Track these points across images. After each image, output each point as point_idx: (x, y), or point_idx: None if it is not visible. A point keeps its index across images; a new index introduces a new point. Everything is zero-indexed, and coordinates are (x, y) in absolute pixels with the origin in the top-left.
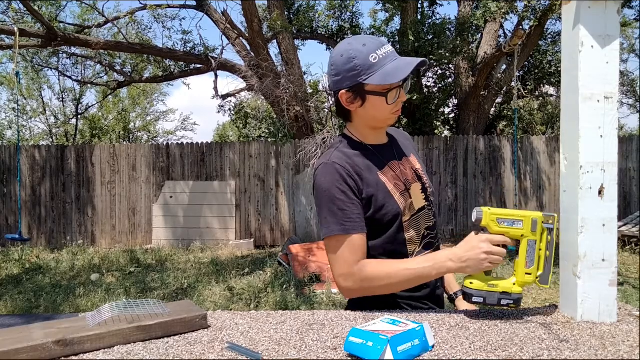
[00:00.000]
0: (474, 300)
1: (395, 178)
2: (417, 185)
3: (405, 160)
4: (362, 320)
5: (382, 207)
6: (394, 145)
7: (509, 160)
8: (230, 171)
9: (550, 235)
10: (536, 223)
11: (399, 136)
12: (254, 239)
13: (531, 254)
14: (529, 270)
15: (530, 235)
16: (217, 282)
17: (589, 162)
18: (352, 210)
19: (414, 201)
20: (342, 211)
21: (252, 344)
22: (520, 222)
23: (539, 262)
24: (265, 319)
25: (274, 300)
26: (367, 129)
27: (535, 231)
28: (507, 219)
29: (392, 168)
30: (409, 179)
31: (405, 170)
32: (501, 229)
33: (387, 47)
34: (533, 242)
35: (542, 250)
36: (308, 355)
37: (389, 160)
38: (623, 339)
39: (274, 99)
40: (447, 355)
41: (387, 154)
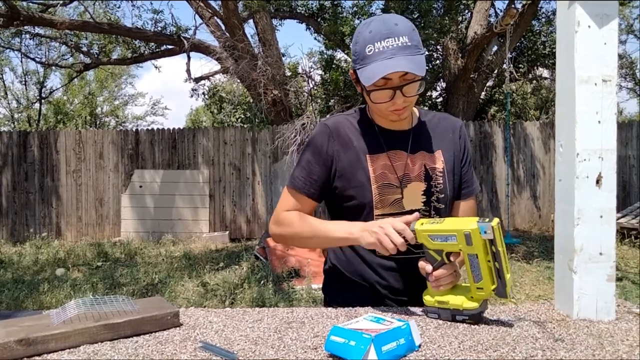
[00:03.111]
0: (429, 315)
1: (386, 168)
2: (419, 185)
3: (420, 155)
4: (344, 318)
5: (350, 190)
6: (416, 135)
7: (501, 147)
8: (204, 159)
9: (494, 246)
10: (469, 237)
11: (439, 126)
12: (229, 231)
13: (475, 268)
14: (479, 284)
15: (468, 250)
16: (190, 277)
17: (585, 150)
18: (312, 174)
19: (405, 200)
20: (305, 169)
21: (227, 343)
22: (454, 236)
23: (491, 275)
24: (241, 316)
25: (250, 296)
26: (374, 113)
27: (471, 245)
28: (439, 235)
29: (390, 157)
30: (412, 175)
31: (410, 165)
32: (436, 245)
33: (392, 40)
34: (473, 256)
35: (490, 262)
36: (287, 356)
37: (394, 148)
38: (622, 337)
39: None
40: (435, 355)
41: (396, 142)
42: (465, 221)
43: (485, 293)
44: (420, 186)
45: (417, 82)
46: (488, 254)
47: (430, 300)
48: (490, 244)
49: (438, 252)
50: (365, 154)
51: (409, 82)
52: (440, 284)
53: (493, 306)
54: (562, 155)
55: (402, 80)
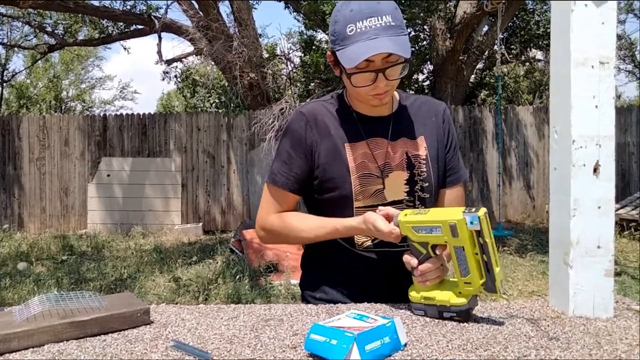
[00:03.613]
0: (415, 312)
1: (366, 157)
2: (401, 173)
3: (402, 143)
4: (325, 315)
5: (328, 181)
6: (396, 121)
7: (492, 133)
8: (176, 146)
9: (482, 238)
10: (455, 228)
11: (421, 111)
12: (203, 223)
13: (462, 261)
14: (466, 279)
15: (454, 242)
16: (161, 272)
17: (582, 136)
18: (292, 167)
19: (387, 190)
20: (284, 164)
21: (201, 342)
22: (439, 228)
23: (479, 269)
24: (216, 313)
25: (225, 292)
26: (353, 98)
27: (457, 237)
28: (424, 227)
29: (370, 145)
30: (393, 164)
31: (391, 153)
32: (421, 237)
33: (375, 19)
34: (460, 248)
35: (477, 254)
36: (264, 355)
37: (373, 135)
38: (620, 336)
39: (226, 64)
40: (421, 354)
41: (376, 129)
42: (450, 211)
43: (473, 288)
44: (403, 175)
45: (401, 64)
46: (475, 246)
47: (416, 296)
48: (477, 236)
49: (423, 244)
50: (343, 143)
51: (392, 64)
52: (426, 278)
53: (483, 302)
54: (557, 142)
55: (385, 63)
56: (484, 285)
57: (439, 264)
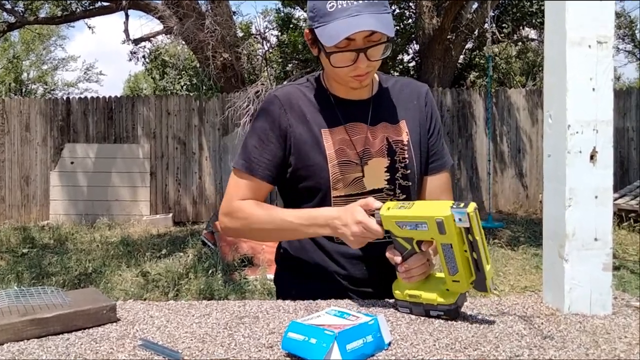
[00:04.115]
0: (400, 310)
1: (344, 143)
2: (381, 160)
3: (382, 127)
4: (304, 312)
5: (304, 169)
6: (376, 105)
7: (482, 118)
8: (144, 131)
9: (471, 235)
10: (442, 225)
11: (402, 93)
12: (173, 213)
13: (450, 259)
14: (455, 277)
15: (441, 239)
16: (129, 266)
17: (578, 121)
18: (263, 153)
19: (367, 179)
20: (256, 149)
21: (171, 341)
22: (424, 224)
23: (469, 267)
24: (187, 310)
25: (197, 287)
26: (332, 80)
27: (444, 234)
28: (408, 222)
29: (349, 131)
30: (373, 150)
31: (371, 139)
32: (405, 233)
33: None
34: (447, 245)
35: (467, 252)
36: (238, 355)
37: (352, 120)
38: (619, 334)
39: (197, 44)
40: (407, 354)
41: (354, 113)
42: (437, 206)
43: (462, 286)
44: (383, 162)
45: (384, 44)
46: (464, 244)
47: (400, 294)
48: (466, 233)
49: (407, 240)
50: (320, 129)
51: (374, 43)
52: (411, 275)
53: (473, 299)
54: (551, 127)
55: (366, 42)
56: (474, 283)
57: (424, 260)
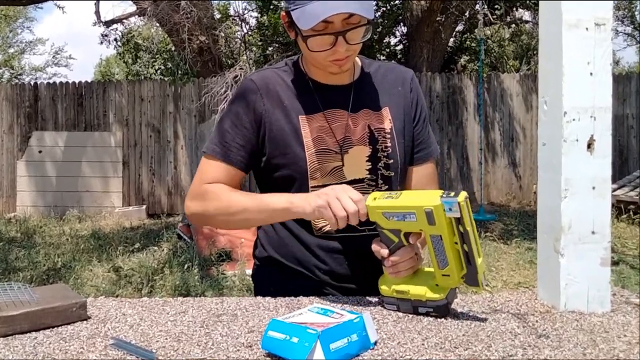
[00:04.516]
0: (386, 307)
1: (323, 131)
2: (362, 149)
3: (364, 114)
4: (285, 310)
5: (280, 157)
6: (358, 90)
7: (473, 104)
8: (116, 118)
9: (462, 226)
10: (431, 215)
11: (386, 79)
12: (147, 205)
13: (440, 251)
14: (444, 271)
15: (430, 230)
16: (100, 261)
17: (575, 107)
18: (236, 137)
19: (347, 168)
20: (228, 133)
21: (144, 340)
22: (413, 214)
23: (459, 260)
24: (161, 307)
25: (172, 284)
26: (310, 65)
27: (434, 225)
28: (396, 213)
29: (328, 117)
30: (354, 138)
31: (352, 126)
32: (392, 224)
33: None
34: (437, 237)
35: (457, 244)
36: (215, 355)
37: (332, 107)
38: (618, 333)
39: (172, 26)
40: (394, 354)
41: (334, 99)
42: (426, 196)
43: (452, 281)
44: (364, 151)
45: (363, 26)
46: (455, 235)
47: (387, 289)
48: (457, 223)
49: (395, 232)
50: (298, 115)
51: (353, 26)
52: (398, 269)
53: (464, 295)
54: (546, 114)
55: (345, 25)
56: (465, 278)
57: (412, 254)
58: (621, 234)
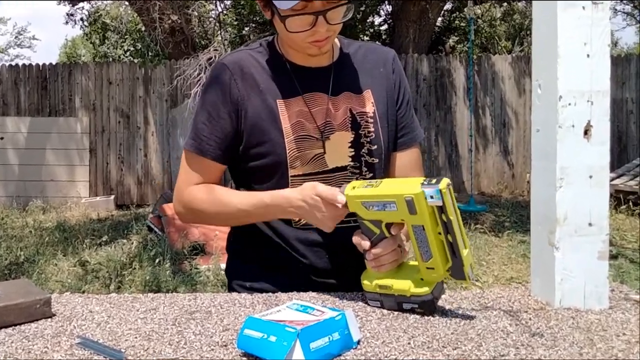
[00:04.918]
0: (370, 303)
1: (303, 115)
2: (344, 134)
3: (345, 98)
4: (262, 307)
5: (257, 146)
6: (338, 72)
7: (462, 88)
8: (83, 103)
9: (445, 214)
10: (412, 204)
11: (367, 60)
12: (115, 195)
13: (423, 243)
14: (429, 263)
15: (412, 220)
16: (65, 255)
17: (571, 91)
18: (214, 130)
19: (329, 155)
20: (205, 126)
21: (113, 339)
22: (393, 204)
23: (444, 252)
24: (130, 304)
25: (142, 279)
26: (287, 46)
27: (415, 214)
28: (375, 202)
29: (308, 101)
30: (335, 123)
31: (333, 111)
32: (373, 214)
33: None
34: (419, 227)
35: (441, 234)
36: (188, 355)
37: (311, 90)
38: (617, 331)
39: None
40: (378, 354)
41: (314, 82)
42: (407, 184)
43: (437, 274)
44: (347, 136)
45: (344, 5)
46: (438, 225)
47: (369, 284)
48: (439, 212)
49: (376, 223)
50: (275, 99)
51: (334, 5)
52: (380, 263)
53: (452, 291)
54: (540, 98)
55: (325, 4)
56: (450, 270)
57: (395, 246)
58: (620, 226)
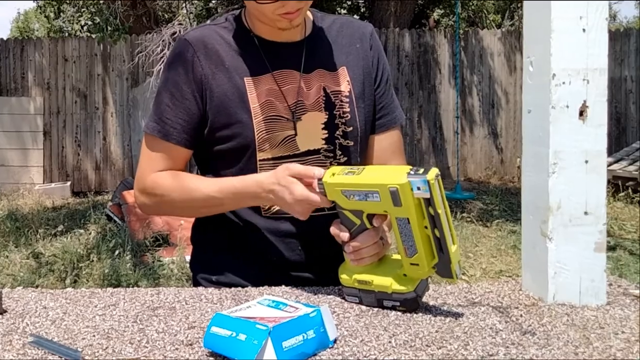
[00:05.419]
0: (348, 299)
1: (272, 94)
2: (317, 115)
3: (318, 75)
4: (230, 302)
5: (224, 128)
6: (311, 48)
7: (448, 65)
8: (36, 81)
9: (433, 207)
10: (397, 195)
11: (342, 35)
12: (72, 181)
13: (408, 237)
14: (413, 259)
15: (396, 212)
16: (17, 246)
17: (565, 69)
18: (178, 112)
19: (300, 137)
20: (169, 108)
21: (69, 338)
22: (376, 194)
23: (430, 247)
24: (88, 300)
25: (100, 272)
26: (255, 20)
27: (400, 206)
28: (357, 191)
29: (278, 79)
30: (307, 103)
31: (305, 89)
32: (354, 205)
33: None
34: (404, 220)
35: (427, 228)
36: (151, 355)
37: (281, 67)
38: (615, 329)
39: None
40: (356, 353)
41: (284, 58)
42: (392, 172)
43: (421, 271)
44: (320, 117)
45: None
46: (425, 218)
47: (348, 279)
48: (426, 205)
49: (356, 213)
50: (243, 77)
51: None
52: (361, 256)
53: (437, 286)
54: (532, 76)
55: None
56: (436, 268)
57: (377, 238)
58: (618, 215)
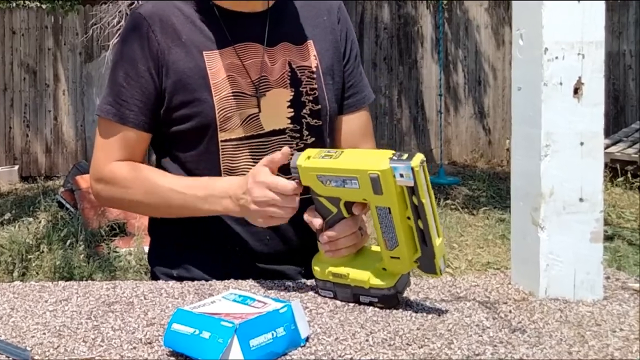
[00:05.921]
0: (321, 293)
1: (234, 69)
2: (282, 91)
3: (283, 49)
4: (193, 297)
5: (181, 107)
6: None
7: (430, 39)
8: None
9: (417, 197)
10: (377, 182)
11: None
12: (20, 165)
13: (388, 228)
14: (393, 252)
15: (376, 201)
16: None
17: (558, 42)
18: (134, 92)
19: (264, 116)
20: (124, 88)
21: (17, 335)
22: (355, 180)
23: (413, 240)
24: (38, 294)
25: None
26: None
27: (381, 194)
28: (334, 177)
29: (239, 53)
30: (271, 78)
31: (269, 64)
32: (330, 191)
33: None
34: (385, 210)
35: (410, 219)
36: (106, 354)
37: (243, 40)
38: (613, 326)
39: None
40: (330, 352)
41: (246, 30)
42: (373, 157)
43: (402, 265)
44: (285, 94)
45: None
46: (407, 208)
47: (321, 272)
48: (409, 194)
49: (333, 200)
50: (201, 51)
51: None
52: (337, 247)
53: (419, 279)
54: (522, 51)
55: None
56: (419, 262)
57: (355, 228)
58: (616, 202)
